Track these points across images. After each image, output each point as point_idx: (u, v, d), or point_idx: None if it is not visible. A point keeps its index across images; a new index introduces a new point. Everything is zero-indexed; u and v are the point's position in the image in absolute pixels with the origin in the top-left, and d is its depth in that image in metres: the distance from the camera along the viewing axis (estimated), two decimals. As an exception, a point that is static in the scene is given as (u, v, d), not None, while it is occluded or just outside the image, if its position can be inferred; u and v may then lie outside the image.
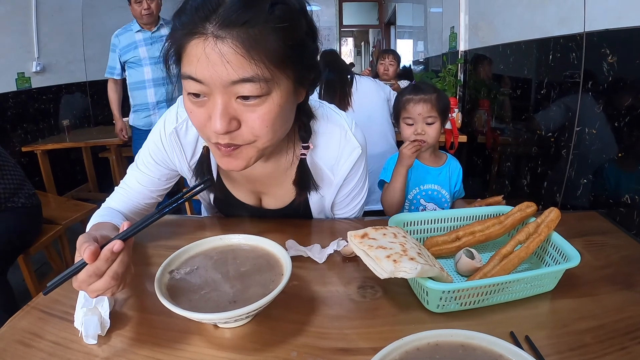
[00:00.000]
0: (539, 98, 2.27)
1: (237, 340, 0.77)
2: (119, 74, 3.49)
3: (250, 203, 1.23)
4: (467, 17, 3.57)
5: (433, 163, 1.69)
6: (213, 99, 0.80)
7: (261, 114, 0.82)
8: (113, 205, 1.14)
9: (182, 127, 1.09)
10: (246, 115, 0.82)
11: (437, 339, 0.61)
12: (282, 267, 0.83)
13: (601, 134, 1.71)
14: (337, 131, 1.11)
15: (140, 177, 1.15)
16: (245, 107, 0.81)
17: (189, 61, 0.78)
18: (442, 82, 3.67)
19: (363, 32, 15.40)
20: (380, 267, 0.78)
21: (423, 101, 1.61)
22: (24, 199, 2.24)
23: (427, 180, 1.66)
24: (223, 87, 0.78)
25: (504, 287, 0.82)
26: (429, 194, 1.66)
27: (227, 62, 0.75)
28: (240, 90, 0.78)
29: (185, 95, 0.84)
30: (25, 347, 0.75)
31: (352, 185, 1.19)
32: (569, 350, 0.71)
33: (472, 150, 3.47)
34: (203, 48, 0.75)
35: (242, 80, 0.77)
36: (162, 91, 3.44)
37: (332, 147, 1.12)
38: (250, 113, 0.82)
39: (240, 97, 0.80)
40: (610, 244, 1.08)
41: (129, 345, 0.76)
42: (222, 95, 0.79)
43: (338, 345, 0.75)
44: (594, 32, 1.74)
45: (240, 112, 0.81)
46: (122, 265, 0.73)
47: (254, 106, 0.81)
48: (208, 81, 0.77)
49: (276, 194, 1.20)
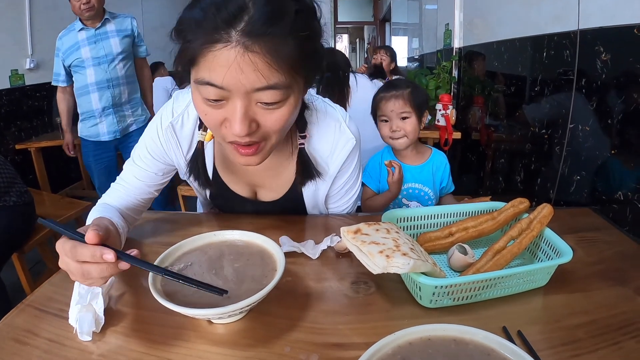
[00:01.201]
0: (533, 95, 2.28)
1: (231, 335, 0.77)
2: (64, 81, 3.09)
3: (245, 195, 1.23)
4: (462, 14, 3.57)
5: (414, 160, 1.68)
6: (232, 102, 0.79)
7: (279, 115, 0.83)
8: (109, 202, 1.13)
9: (177, 122, 1.09)
10: (264, 117, 0.83)
11: (429, 334, 0.62)
12: (276, 263, 0.83)
13: (594, 131, 1.72)
14: (331, 123, 1.13)
15: (137, 172, 1.15)
16: (264, 110, 0.82)
17: (210, 67, 0.76)
18: (436, 78, 3.67)
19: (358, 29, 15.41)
20: (373, 262, 0.78)
21: (394, 97, 1.62)
22: (16, 197, 2.21)
23: (408, 179, 1.66)
24: (245, 93, 0.78)
25: (496, 282, 0.82)
26: (410, 193, 1.66)
27: (254, 71, 0.75)
28: (262, 97, 0.79)
29: (198, 98, 0.82)
30: (20, 344, 0.75)
31: (346, 178, 1.20)
32: (562, 345, 0.72)
33: (466, 147, 3.48)
34: (228, 56, 0.74)
35: (266, 88, 0.77)
36: (108, 95, 3.06)
37: (327, 139, 1.13)
38: (269, 115, 0.83)
39: (260, 102, 0.80)
40: (603, 240, 1.09)
41: (124, 341, 0.76)
42: (243, 100, 0.78)
43: (331, 340, 0.75)
44: (587, 29, 1.74)
45: (259, 115, 0.82)
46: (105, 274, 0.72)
47: (273, 109, 0.82)
48: (230, 88, 0.77)
49: (272, 186, 1.21)
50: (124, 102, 3.16)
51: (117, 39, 3.05)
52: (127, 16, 3.17)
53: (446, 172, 1.69)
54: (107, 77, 3.05)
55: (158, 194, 1.23)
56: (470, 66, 3.44)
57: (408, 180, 1.65)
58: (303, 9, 0.80)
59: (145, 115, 3.34)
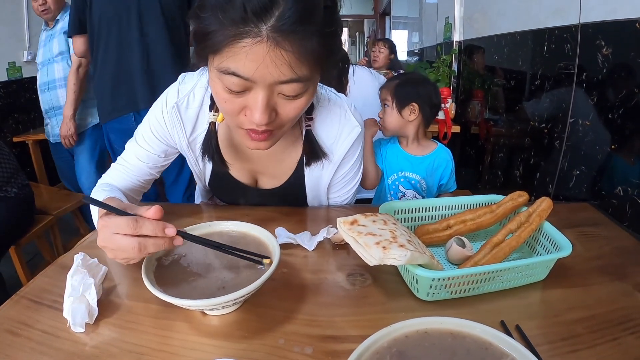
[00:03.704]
0: (533, 89, 2.27)
1: (225, 327, 0.76)
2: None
3: (246, 182, 1.23)
4: (463, 7, 3.55)
5: (416, 151, 1.69)
6: (255, 93, 0.80)
7: (297, 105, 0.85)
8: (111, 182, 1.14)
9: (183, 103, 1.10)
10: (283, 107, 0.84)
11: (426, 327, 0.61)
12: (271, 254, 0.82)
13: (595, 125, 1.71)
14: (337, 111, 1.15)
15: (139, 152, 1.15)
16: (284, 100, 0.83)
17: (237, 59, 0.75)
18: (436, 72, 3.65)
19: (358, 22, 15.35)
20: (369, 254, 0.77)
21: (384, 86, 1.70)
22: (17, 189, 2.21)
23: (406, 168, 1.68)
24: (269, 85, 0.78)
25: (494, 275, 0.81)
26: (407, 181, 1.67)
27: (283, 65, 0.75)
28: (285, 89, 0.80)
29: (219, 85, 0.82)
30: (13, 336, 0.74)
31: (349, 167, 1.21)
32: (560, 340, 0.71)
33: (466, 141, 3.47)
34: (258, 51, 0.73)
35: (290, 81, 0.78)
36: (47, 98, 3.04)
37: (332, 126, 1.15)
38: (288, 105, 0.84)
39: (281, 93, 0.81)
40: (602, 235, 1.08)
41: (117, 333, 0.75)
42: (266, 91, 0.79)
43: (327, 332, 0.74)
44: (589, 23, 1.73)
45: (278, 105, 0.84)
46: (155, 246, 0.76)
47: (293, 99, 0.83)
48: (257, 80, 0.77)
49: (274, 172, 1.21)
50: (61, 105, 2.99)
51: (60, 38, 2.93)
52: None
53: (448, 170, 1.68)
54: (46, 80, 3.01)
55: (158, 176, 1.24)
56: (470, 60, 3.42)
57: (407, 169, 1.66)
58: (330, 4, 0.80)
59: (92, 120, 3.06)
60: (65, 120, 2.86)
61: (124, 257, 0.79)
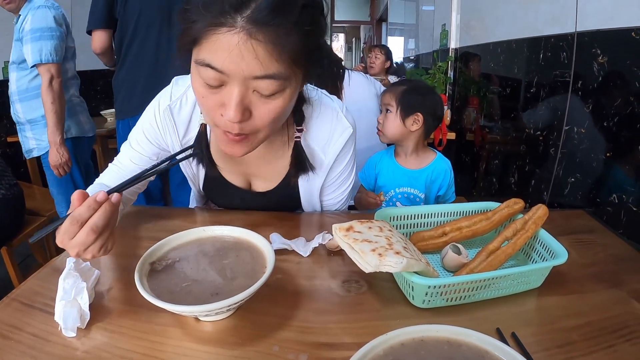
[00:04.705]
0: (529, 97, 2.27)
1: (218, 334, 0.76)
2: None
3: (239, 185, 1.24)
4: (459, 15, 3.57)
5: (413, 164, 1.66)
6: (230, 88, 0.80)
7: (273, 107, 0.84)
8: (105, 182, 1.16)
9: (175, 105, 1.11)
10: (258, 107, 0.84)
11: (422, 335, 0.60)
12: (265, 259, 0.82)
13: (590, 133, 1.71)
14: (329, 112, 1.15)
15: (133, 155, 1.17)
16: (260, 99, 0.83)
17: (211, 50, 0.77)
18: (432, 79, 3.66)
19: (354, 28, 15.42)
20: (365, 260, 0.77)
21: (388, 91, 1.66)
22: (5, 190, 2.18)
23: (403, 183, 1.65)
24: (243, 80, 0.79)
25: (490, 283, 0.81)
26: (404, 197, 1.65)
27: (255, 59, 0.76)
28: (260, 86, 0.80)
29: (197, 80, 0.83)
30: (3, 339, 0.73)
31: (342, 168, 1.22)
32: (556, 348, 0.71)
33: (461, 148, 3.48)
34: (230, 41, 0.74)
35: (265, 77, 0.78)
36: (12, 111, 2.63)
37: (324, 128, 1.15)
38: (263, 105, 0.84)
39: (256, 90, 0.81)
40: (597, 242, 1.08)
41: (109, 338, 0.74)
42: (240, 87, 0.79)
43: (321, 339, 0.73)
44: (585, 32, 1.74)
45: (253, 104, 0.83)
46: (103, 218, 0.76)
47: (268, 99, 0.83)
48: (229, 73, 0.77)
49: (266, 175, 1.21)
50: (22, 122, 2.57)
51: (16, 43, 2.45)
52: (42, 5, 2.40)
53: (446, 180, 1.65)
54: (10, 90, 2.58)
55: (153, 178, 1.20)
56: (466, 67, 3.44)
57: (404, 184, 1.64)
58: (310, 4, 0.81)
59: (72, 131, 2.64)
60: (54, 147, 2.44)
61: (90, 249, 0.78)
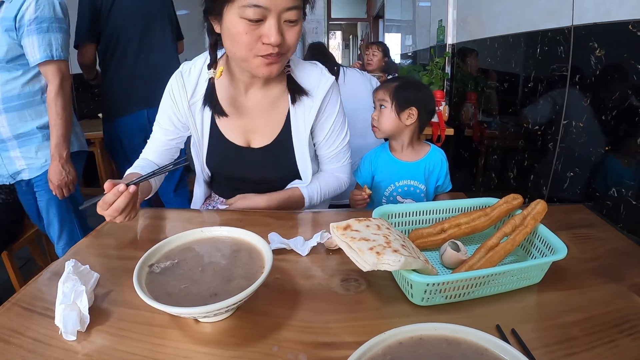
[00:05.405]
0: (526, 91, 2.27)
1: (217, 334, 0.76)
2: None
3: (239, 144, 1.37)
4: (456, 11, 3.56)
5: (410, 157, 1.67)
6: (269, 21, 1.07)
7: (296, 31, 1.14)
8: (145, 155, 1.44)
9: (186, 70, 1.35)
10: (287, 33, 1.12)
11: (421, 333, 0.60)
12: (264, 260, 0.82)
13: (588, 127, 1.71)
14: (312, 67, 1.39)
15: (158, 130, 1.43)
16: (287, 26, 1.11)
17: None
18: (429, 75, 3.66)
19: (351, 26, 15.41)
20: (363, 259, 0.76)
21: (381, 87, 1.68)
22: (5, 195, 2.18)
23: (403, 176, 1.65)
24: (278, 13, 1.06)
25: (489, 279, 0.80)
26: (405, 190, 1.65)
27: None
28: (288, 15, 1.08)
29: (239, 23, 1.07)
30: (4, 343, 0.73)
31: (333, 120, 1.41)
32: (556, 344, 0.70)
33: (459, 143, 3.47)
34: None
35: (293, 7, 1.08)
36: None
37: (310, 75, 1.37)
38: (290, 31, 1.12)
39: (286, 20, 1.09)
40: (596, 237, 1.08)
41: (109, 340, 0.74)
42: (276, 18, 1.07)
43: (320, 339, 0.73)
44: (582, 25, 1.73)
45: (284, 30, 1.11)
46: (123, 202, 1.03)
47: (293, 26, 1.12)
48: (271, 7, 1.04)
49: (264, 129, 1.38)
50: (6, 138, 1.94)
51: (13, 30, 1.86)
52: None
53: (443, 170, 1.66)
54: None
55: (182, 146, 1.48)
56: (464, 62, 3.43)
57: (403, 177, 1.64)
58: None
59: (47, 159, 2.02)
60: (59, 163, 1.96)
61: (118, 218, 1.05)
